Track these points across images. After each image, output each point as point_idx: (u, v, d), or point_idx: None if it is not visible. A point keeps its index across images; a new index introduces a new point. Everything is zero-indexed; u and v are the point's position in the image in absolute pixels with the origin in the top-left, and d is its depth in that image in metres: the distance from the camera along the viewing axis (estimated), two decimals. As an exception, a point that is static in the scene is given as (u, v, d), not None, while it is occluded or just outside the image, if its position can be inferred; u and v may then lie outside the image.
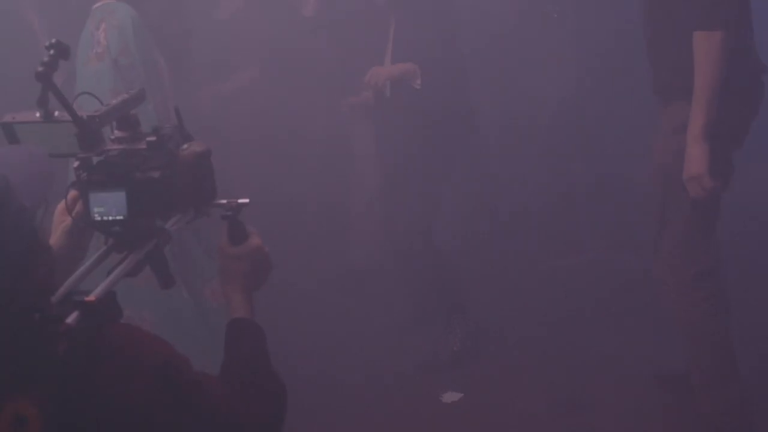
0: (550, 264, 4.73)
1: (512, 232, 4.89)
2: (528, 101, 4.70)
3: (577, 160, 4.87)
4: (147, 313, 2.99)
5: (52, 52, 1.45)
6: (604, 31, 4.52)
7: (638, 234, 4.59)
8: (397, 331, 4.29)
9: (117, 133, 1.57)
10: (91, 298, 1.34)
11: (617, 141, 4.70)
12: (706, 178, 2.81)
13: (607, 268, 4.64)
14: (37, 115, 1.58)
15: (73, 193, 1.65)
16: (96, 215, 1.51)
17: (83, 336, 1.30)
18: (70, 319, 1.30)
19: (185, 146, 1.55)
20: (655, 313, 3.59)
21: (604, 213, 4.82)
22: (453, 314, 4.12)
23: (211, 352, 2.70)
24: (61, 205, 1.72)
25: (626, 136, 4.54)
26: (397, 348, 4.15)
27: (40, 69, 1.44)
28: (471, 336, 4.10)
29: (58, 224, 1.75)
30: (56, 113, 1.58)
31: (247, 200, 1.74)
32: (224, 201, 1.73)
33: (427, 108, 3.87)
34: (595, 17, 4.58)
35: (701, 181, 2.82)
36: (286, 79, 4.39)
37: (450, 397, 3.80)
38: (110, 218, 1.50)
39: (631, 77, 4.38)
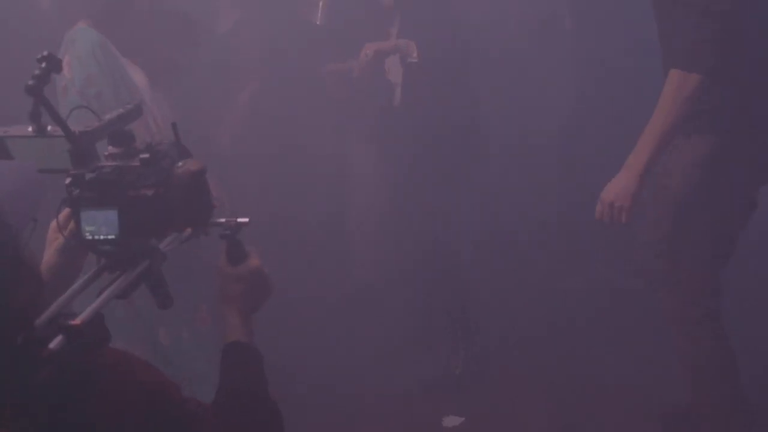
0: (554, 285, 4.65)
1: (516, 245, 4.82)
2: (529, 111, 4.64)
3: (579, 172, 4.77)
4: (139, 346, 2.95)
5: (43, 64, 1.40)
6: (605, 41, 4.43)
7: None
8: (400, 349, 4.21)
9: (111, 149, 1.51)
10: (77, 321, 1.28)
11: (619, 154, 4.59)
12: (626, 212, 2.72)
13: (612, 287, 4.55)
14: (30, 129, 1.53)
15: (65, 210, 1.60)
16: (87, 234, 1.45)
17: (67, 361, 1.24)
18: (54, 343, 1.24)
19: (180, 164, 1.49)
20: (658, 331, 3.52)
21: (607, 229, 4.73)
22: (459, 336, 4.05)
23: (207, 379, 2.65)
24: (54, 223, 1.67)
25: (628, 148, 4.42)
26: (399, 367, 4.09)
27: (30, 83, 1.39)
28: (475, 359, 4.03)
29: (51, 242, 1.70)
30: (49, 128, 1.53)
31: (246, 219, 1.70)
32: (223, 220, 1.68)
33: (430, 106, 3.79)
34: (595, 27, 4.49)
35: (619, 211, 2.73)
36: (287, 90, 4.35)
37: (451, 421, 3.73)
38: (101, 237, 1.44)
39: (634, 87, 4.30)
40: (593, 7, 4.49)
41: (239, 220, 1.69)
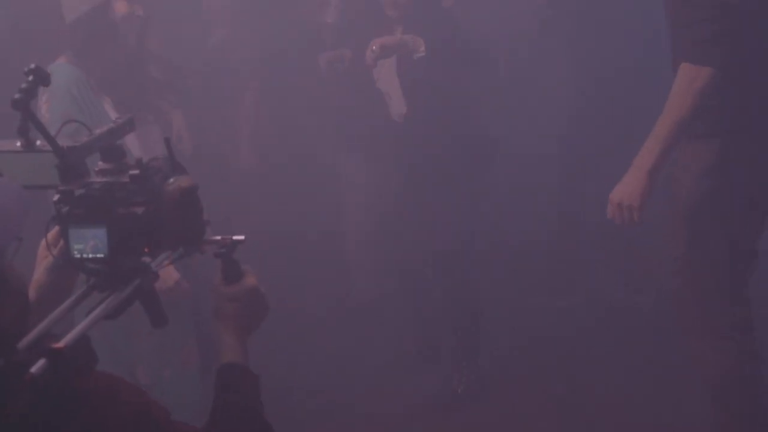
0: (552, 302, 4.61)
1: (517, 257, 4.78)
2: (530, 118, 4.60)
3: (579, 181, 4.72)
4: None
5: (30, 78, 1.36)
6: (603, 55, 4.36)
7: (644, 269, 4.52)
8: (400, 365, 4.16)
9: (101, 165, 1.46)
10: (60, 345, 1.23)
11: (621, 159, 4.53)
12: (636, 212, 2.66)
13: (613, 305, 4.51)
14: (18, 144, 1.49)
15: (55, 228, 1.55)
16: (75, 252, 1.41)
17: (48, 387, 1.19)
18: (36, 367, 1.19)
19: (172, 180, 1.45)
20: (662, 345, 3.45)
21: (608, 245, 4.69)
22: (461, 354, 3.99)
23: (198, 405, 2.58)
24: (44, 241, 1.63)
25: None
26: (399, 384, 4.03)
27: (17, 96, 1.35)
28: (477, 378, 3.97)
29: (41, 260, 1.65)
30: (38, 142, 1.49)
31: (242, 237, 1.64)
32: (218, 238, 1.63)
33: (430, 116, 3.73)
34: (595, 26, 4.40)
35: (629, 212, 2.68)
36: (285, 97, 4.32)
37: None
38: (90, 255, 1.40)
39: (635, 87, 4.24)
40: (592, 7, 4.44)
41: (235, 238, 1.64)
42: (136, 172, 1.40)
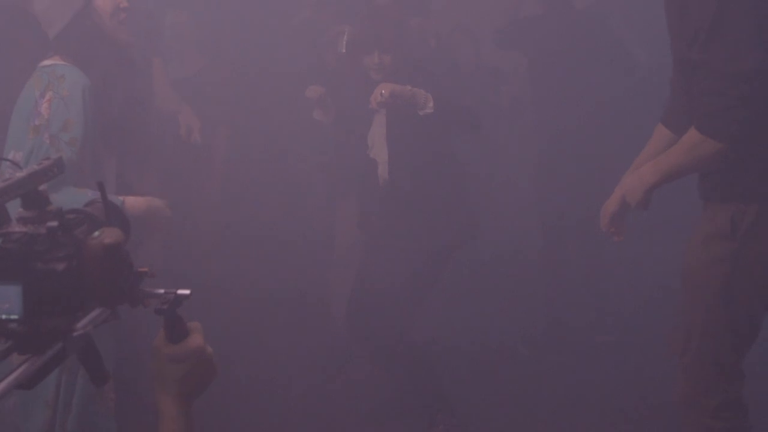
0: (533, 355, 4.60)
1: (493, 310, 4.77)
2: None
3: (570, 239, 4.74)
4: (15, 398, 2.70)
5: None
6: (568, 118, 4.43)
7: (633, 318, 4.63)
8: (379, 418, 4.01)
9: (21, 212, 1.30)
10: None
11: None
12: (641, 203, 2.64)
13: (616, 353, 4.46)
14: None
15: None
16: None
17: None
18: None
19: (96, 234, 1.28)
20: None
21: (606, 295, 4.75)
22: (437, 409, 3.84)
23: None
24: None
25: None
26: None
27: None
28: (457, 428, 3.82)
29: None
30: None
31: (187, 292, 1.48)
32: (161, 291, 1.46)
33: (417, 181, 3.67)
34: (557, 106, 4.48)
35: (628, 205, 2.69)
36: (261, 138, 4.21)
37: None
38: (3, 317, 1.23)
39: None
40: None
41: (179, 292, 1.47)
42: (54, 223, 1.23)
